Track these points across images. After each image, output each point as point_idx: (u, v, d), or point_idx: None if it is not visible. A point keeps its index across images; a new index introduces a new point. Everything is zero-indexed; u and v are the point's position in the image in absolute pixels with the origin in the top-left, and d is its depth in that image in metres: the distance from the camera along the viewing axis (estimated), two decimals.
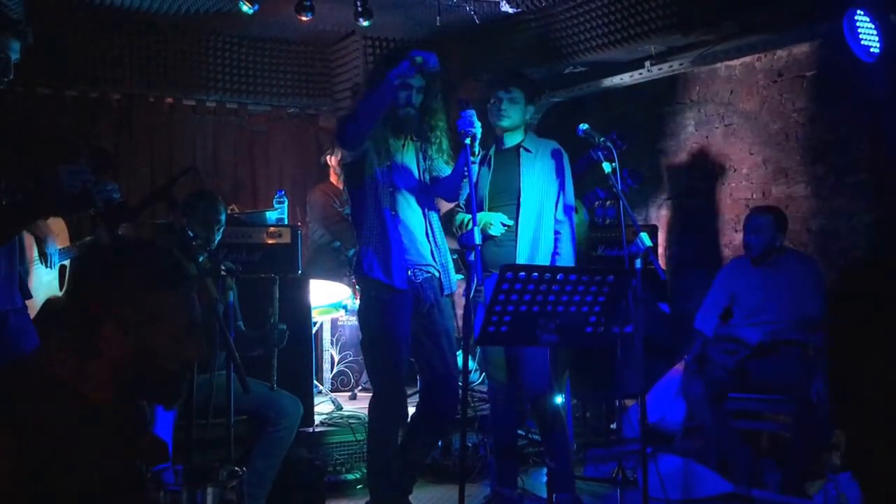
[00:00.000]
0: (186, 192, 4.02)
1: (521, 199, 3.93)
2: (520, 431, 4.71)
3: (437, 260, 3.76)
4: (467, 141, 3.47)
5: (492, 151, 4.05)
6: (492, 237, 3.90)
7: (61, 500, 1.42)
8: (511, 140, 4.04)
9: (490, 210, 3.97)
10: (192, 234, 3.61)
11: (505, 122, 3.98)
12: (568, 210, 4.00)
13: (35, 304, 4.06)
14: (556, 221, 3.97)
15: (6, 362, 2.76)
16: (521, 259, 3.88)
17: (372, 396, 3.78)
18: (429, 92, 3.76)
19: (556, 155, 3.99)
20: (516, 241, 3.91)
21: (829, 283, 4.49)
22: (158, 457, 1.68)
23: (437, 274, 3.75)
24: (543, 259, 3.92)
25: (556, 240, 3.98)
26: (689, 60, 5.16)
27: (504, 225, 3.90)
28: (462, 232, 3.96)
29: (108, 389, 1.54)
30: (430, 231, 3.76)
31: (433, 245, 3.76)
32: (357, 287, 4.65)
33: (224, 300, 3.66)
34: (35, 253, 4.09)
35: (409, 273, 3.66)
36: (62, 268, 4.31)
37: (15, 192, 2.10)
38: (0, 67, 2.65)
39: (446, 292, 3.79)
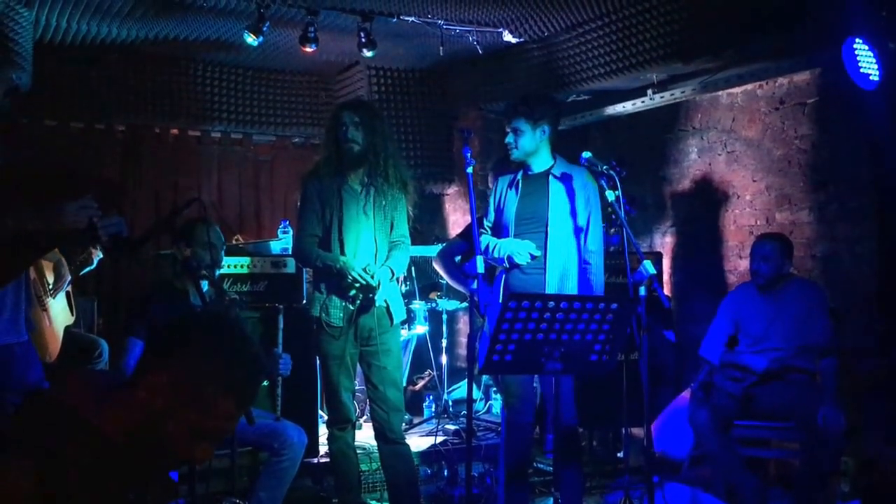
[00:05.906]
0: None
1: (549, 229, 3.82)
2: None
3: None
4: (469, 171, 3.53)
5: (519, 176, 3.96)
6: (517, 265, 3.82)
7: None
8: (538, 165, 3.94)
9: (516, 237, 3.87)
10: (197, 263, 3.62)
11: (515, 154, 3.91)
12: (597, 241, 3.87)
13: (55, 332, 4.07)
14: (587, 252, 3.86)
15: (16, 394, 2.77)
16: (550, 290, 3.77)
17: None
18: (372, 129, 3.86)
19: (586, 184, 3.86)
20: (544, 271, 3.81)
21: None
22: (167, 495, 1.67)
23: (383, 304, 3.88)
24: (572, 291, 3.79)
25: (585, 272, 3.85)
26: (690, 88, 5.20)
27: (532, 255, 3.79)
28: (494, 256, 3.87)
29: (121, 431, 1.53)
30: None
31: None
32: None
33: None
34: (51, 279, 4.11)
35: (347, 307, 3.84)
36: (67, 294, 4.33)
37: (21, 228, 2.10)
38: None
39: (396, 320, 3.94)
